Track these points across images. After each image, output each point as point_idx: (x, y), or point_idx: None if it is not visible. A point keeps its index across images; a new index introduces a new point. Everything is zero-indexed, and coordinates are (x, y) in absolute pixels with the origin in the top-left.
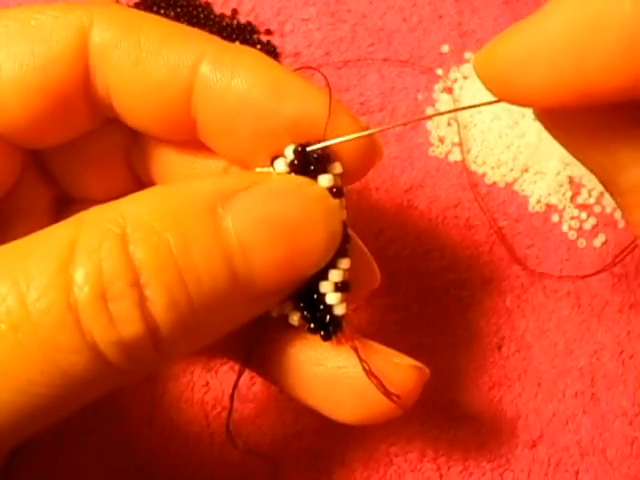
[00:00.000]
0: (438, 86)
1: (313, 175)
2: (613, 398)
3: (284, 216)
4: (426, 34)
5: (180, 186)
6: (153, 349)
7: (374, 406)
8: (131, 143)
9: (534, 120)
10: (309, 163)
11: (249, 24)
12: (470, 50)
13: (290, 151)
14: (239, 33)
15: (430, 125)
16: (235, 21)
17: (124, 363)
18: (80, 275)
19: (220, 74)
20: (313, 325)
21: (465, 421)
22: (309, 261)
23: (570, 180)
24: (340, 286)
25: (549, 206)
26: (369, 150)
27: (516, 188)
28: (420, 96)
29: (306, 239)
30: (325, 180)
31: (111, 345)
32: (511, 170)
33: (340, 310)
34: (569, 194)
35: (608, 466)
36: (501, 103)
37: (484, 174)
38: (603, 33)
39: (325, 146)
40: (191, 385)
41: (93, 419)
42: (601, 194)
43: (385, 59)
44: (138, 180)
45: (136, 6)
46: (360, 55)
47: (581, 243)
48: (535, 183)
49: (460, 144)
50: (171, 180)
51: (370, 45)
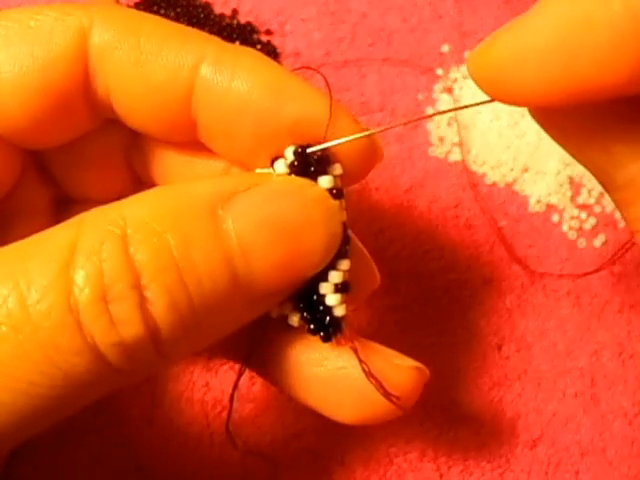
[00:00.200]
0: (438, 86)
1: (313, 176)
2: (613, 398)
3: (284, 218)
4: (426, 34)
5: (180, 187)
6: (154, 350)
7: (374, 407)
8: (131, 144)
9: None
10: (309, 164)
11: (249, 24)
12: (470, 50)
13: (290, 152)
14: (239, 33)
15: (430, 125)
16: (235, 21)
17: (125, 364)
18: (81, 277)
19: (220, 75)
20: (313, 326)
21: (465, 421)
22: (309, 262)
23: (570, 180)
24: (340, 287)
25: (549, 206)
26: (369, 151)
27: (516, 188)
28: (420, 96)
29: (306, 241)
30: (325, 181)
31: (112, 347)
32: (511, 170)
33: (340, 311)
34: (569, 194)
35: (608, 466)
36: (499, 103)
37: (484, 174)
38: (593, 32)
39: (325, 147)
40: (191, 385)
41: (93, 419)
42: (601, 194)
43: (385, 59)
44: (138, 181)
45: (136, 6)
46: (360, 55)
47: (581, 243)
48: (535, 183)
49: (460, 144)
50: (171, 181)
51: (370, 45)
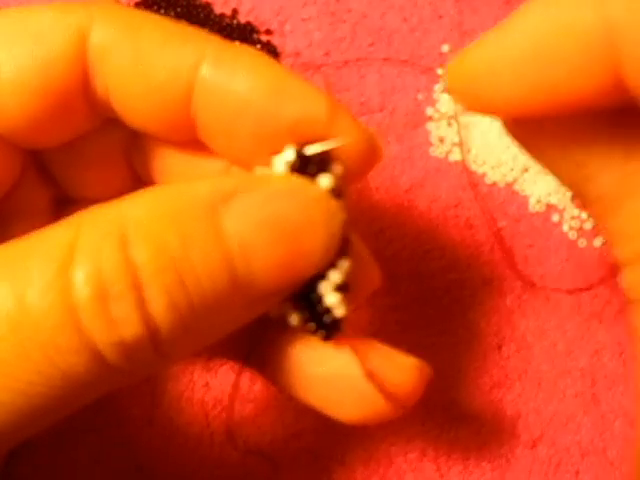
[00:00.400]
0: (438, 86)
1: (313, 176)
2: (613, 398)
3: (284, 218)
4: (426, 34)
5: (180, 187)
6: (153, 350)
7: (375, 406)
8: (131, 143)
9: None
10: (309, 164)
11: (249, 24)
12: None
13: (290, 152)
14: (239, 33)
15: (430, 125)
16: (235, 21)
17: (124, 364)
18: (80, 276)
19: (220, 75)
20: (312, 326)
21: (465, 421)
22: (309, 262)
23: None
24: (340, 287)
25: (549, 206)
26: (369, 151)
27: (516, 188)
28: (420, 96)
29: (306, 241)
30: (325, 181)
31: (111, 346)
32: (511, 170)
33: (340, 311)
34: (569, 194)
35: (608, 466)
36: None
37: (484, 174)
38: (565, 43)
39: (325, 147)
40: (191, 385)
41: (93, 419)
42: None
43: (385, 59)
44: (138, 180)
45: (136, 6)
46: (360, 55)
47: (581, 243)
48: (535, 183)
49: (460, 144)
50: (171, 180)
51: (370, 45)
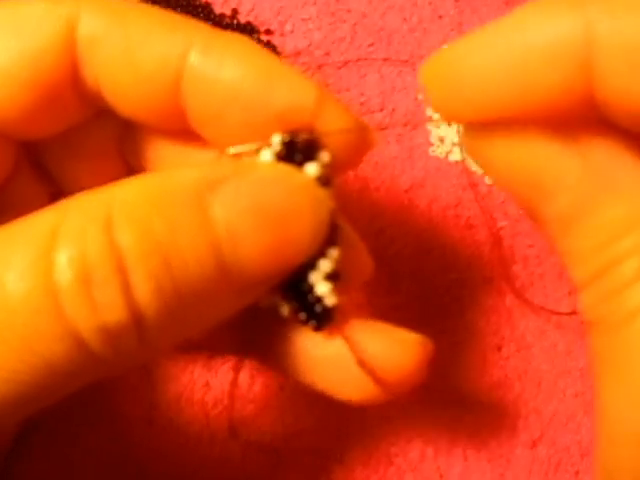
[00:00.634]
0: None
1: (300, 164)
2: None
3: (270, 204)
4: (426, 34)
5: (167, 174)
6: (137, 338)
7: (373, 388)
8: (123, 134)
9: None
10: (296, 152)
11: (249, 24)
12: None
13: (277, 140)
14: (239, 33)
15: (430, 125)
16: (235, 21)
17: (107, 352)
18: (62, 259)
19: (209, 64)
20: (304, 316)
21: (465, 421)
22: (297, 249)
23: None
24: (330, 276)
25: None
26: (360, 139)
27: None
28: (420, 96)
29: (293, 227)
30: (312, 169)
31: (94, 333)
32: None
33: (331, 300)
34: None
35: None
36: None
37: (484, 174)
38: (543, 56)
39: (312, 135)
40: (191, 385)
41: (92, 419)
42: None
43: (385, 59)
44: (131, 172)
45: None
46: (360, 55)
47: None
48: None
49: (460, 144)
50: (164, 169)
51: (370, 45)
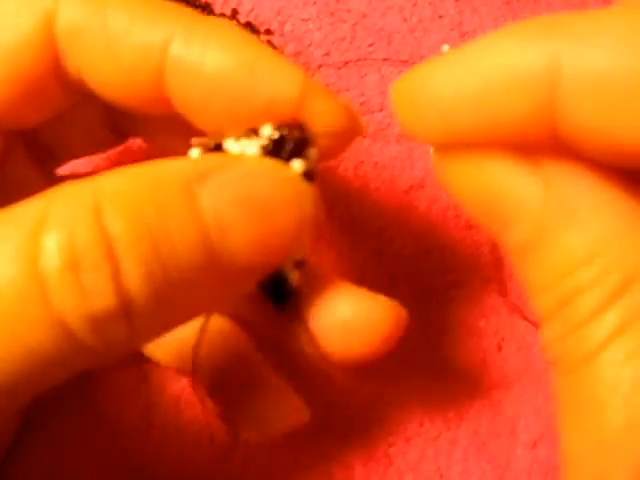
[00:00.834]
0: None
1: (287, 160)
2: None
3: (256, 197)
4: (426, 34)
5: (156, 164)
6: (125, 326)
7: (359, 342)
8: (114, 111)
9: None
10: (284, 148)
11: (249, 24)
12: None
13: (267, 131)
14: None
15: None
16: (235, 21)
17: (94, 340)
18: (50, 244)
19: (191, 52)
20: (265, 294)
21: (465, 421)
22: (282, 241)
23: None
24: (297, 263)
25: None
26: (347, 127)
27: None
28: None
29: (279, 219)
30: (298, 165)
31: (81, 320)
32: None
33: (293, 281)
34: None
35: None
36: None
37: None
38: (510, 87)
39: (303, 134)
40: (190, 385)
41: (91, 420)
42: None
43: (385, 59)
44: (124, 140)
45: None
46: (360, 55)
47: None
48: None
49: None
50: (160, 134)
51: (370, 45)
